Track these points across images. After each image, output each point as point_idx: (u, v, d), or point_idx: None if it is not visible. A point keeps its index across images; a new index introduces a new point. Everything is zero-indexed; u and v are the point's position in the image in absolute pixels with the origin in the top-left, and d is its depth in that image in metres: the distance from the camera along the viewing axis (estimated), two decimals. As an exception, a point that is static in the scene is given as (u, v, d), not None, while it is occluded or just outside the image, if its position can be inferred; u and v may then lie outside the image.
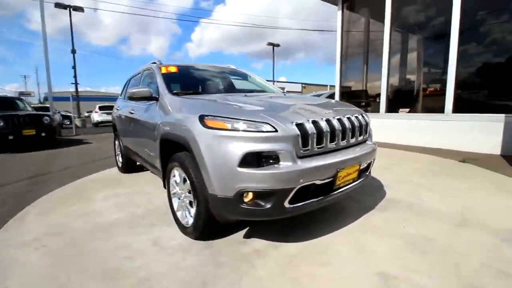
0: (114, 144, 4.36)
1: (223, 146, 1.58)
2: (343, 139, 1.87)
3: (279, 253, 1.79)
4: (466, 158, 4.14)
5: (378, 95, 6.30)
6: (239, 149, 1.54)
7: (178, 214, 2.14)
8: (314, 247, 1.84)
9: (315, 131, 1.66)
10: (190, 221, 1.95)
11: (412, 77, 6.37)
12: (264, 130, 1.56)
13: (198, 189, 1.75)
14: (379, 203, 2.57)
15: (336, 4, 6.90)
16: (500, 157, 4.20)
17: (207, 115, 1.70)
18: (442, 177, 3.31)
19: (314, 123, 1.69)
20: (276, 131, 1.56)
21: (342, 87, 7.27)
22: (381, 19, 6.07)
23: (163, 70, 2.76)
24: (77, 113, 18.85)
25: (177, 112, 2.05)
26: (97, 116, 17.55)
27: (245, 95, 2.43)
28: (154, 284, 1.51)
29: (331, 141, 1.78)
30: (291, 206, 1.62)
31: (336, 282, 1.49)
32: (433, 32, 5.67)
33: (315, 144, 1.67)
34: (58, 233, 2.20)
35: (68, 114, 19.12)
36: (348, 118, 1.94)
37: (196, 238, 1.95)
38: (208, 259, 1.74)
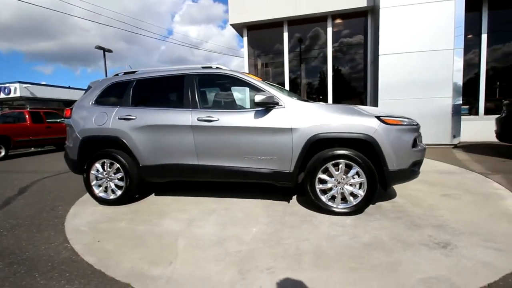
0: (89, 170, 3.08)
1: (402, 135, 2.43)
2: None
3: (403, 204, 2.81)
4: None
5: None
6: (411, 136, 2.46)
7: (330, 203, 2.55)
8: (419, 197, 3.02)
9: None
10: (355, 201, 2.50)
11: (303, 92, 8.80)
12: (415, 124, 2.57)
13: (375, 171, 2.42)
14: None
15: (242, 35, 8.17)
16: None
17: (384, 116, 2.43)
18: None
19: None
20: (417, 125, 2.62)
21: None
22: (273, 54, 8.06)
23: (255, 77, 2.81)
24: None
25: (333, 115, 2.49)
26: None
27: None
28: (383, 240, 2.10)
29: None
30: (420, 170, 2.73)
31: (462, 207, 2.78)
32: (317, 65, 8.29)
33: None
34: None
35: None
36: None
37: (361, 212, 2.53)
38: (389, 218, 2.45)
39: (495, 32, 6.61)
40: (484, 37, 6.57)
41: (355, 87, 7.88)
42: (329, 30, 7.49)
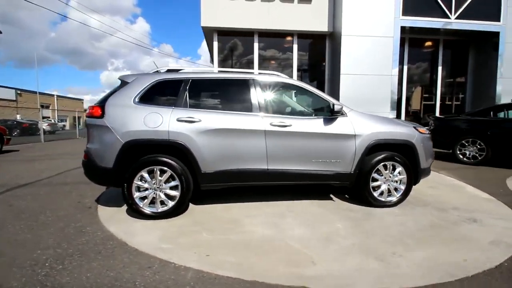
0: (132, 180, 2.64)
1: (427, 142, 3.22)
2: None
3: (417, 196, 3.62)
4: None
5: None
6: (431, 143, 3.29)
7: (380, 197, 3.10)
8: (420, 190, 3.88)
9: None
10: (398, 194, 3.13)
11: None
12: (429, 134, 3.39)
13: (412, 169, 3.11)
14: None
15: (211, 39, 8.09)
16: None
17: (417, 126, 3.15)
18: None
19: None
20: (430, 133, 3.47)
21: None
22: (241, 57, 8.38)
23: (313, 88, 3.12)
24: None
25: (385, 124, 3.05)
26: None
27: None
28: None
29: None
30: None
31: (449, 194, 3.74)
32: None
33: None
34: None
35: None
36: None
37: (399, 204, 3.15)
38: (420, 206, 3.17)
39: (412, 63, 8.90)
40: (405, 67, 8.73)
41: (315, 99, 8.94)
42: (295, 47, 8.32)
